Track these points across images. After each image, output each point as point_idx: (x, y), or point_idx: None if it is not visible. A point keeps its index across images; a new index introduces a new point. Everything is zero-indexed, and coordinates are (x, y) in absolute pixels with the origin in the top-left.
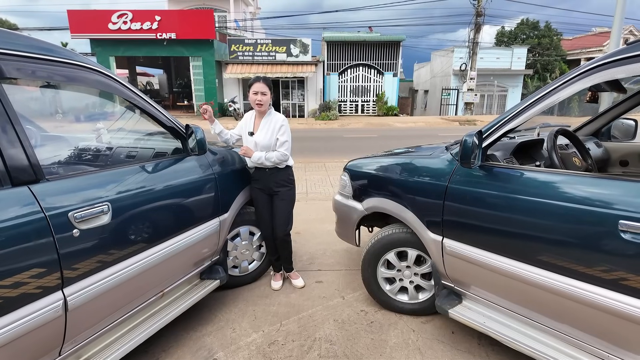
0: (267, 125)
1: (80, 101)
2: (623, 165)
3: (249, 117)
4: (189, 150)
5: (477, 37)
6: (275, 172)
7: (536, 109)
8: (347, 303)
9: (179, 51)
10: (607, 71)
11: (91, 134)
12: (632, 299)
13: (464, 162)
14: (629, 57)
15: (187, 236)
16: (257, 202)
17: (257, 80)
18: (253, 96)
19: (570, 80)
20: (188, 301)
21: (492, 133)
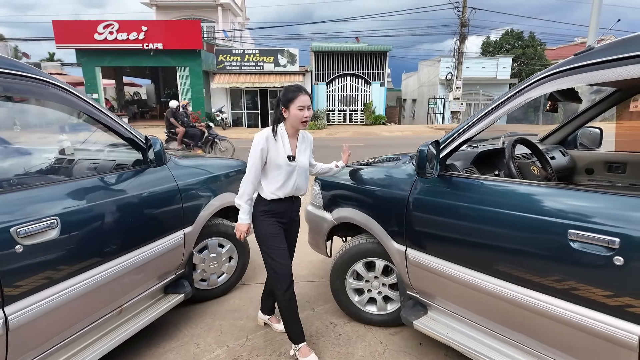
0: (303, 143)
1: (43, 113)
2: (589, 173)
3: (280, 139)
4: (149, 162)
5: (462, 47)
6: (299, 199)
7: (491, 119)
8: (316, 315)
9: (165, 61)
10: (555, 81)
11: (54, 146)
12: (583, 309)
13: (420, 172)
14: (576, 67)
15: (147, 250)
16: (275, 237)
17: (300, 91)
18: (298, 112)
19: (522, 90)
20: (148, 317)
21: (450, 143)
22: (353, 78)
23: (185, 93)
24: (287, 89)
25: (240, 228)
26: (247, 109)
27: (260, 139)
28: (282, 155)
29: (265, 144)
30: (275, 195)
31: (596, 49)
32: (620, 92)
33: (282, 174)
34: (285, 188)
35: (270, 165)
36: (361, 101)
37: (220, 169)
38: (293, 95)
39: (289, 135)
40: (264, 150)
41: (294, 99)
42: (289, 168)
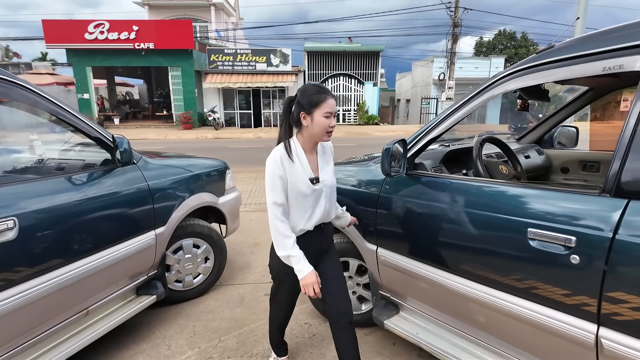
0: (324, 155)
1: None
2: (564, 172)
3: (296, 158)
4: (117, 162)
5: (455, 47)
6: (330, 224)
7: (456, 117)
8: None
9: (157, 61)
10: (518, 79)
11: (24, 145)
12: (543, 308)
13: (385, 171)
14: (537, 65)
15: (114, 251)
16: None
17: (326, 93)
18: (324, 121)
19: (486, 88)
20: (117, 319)
21: (417, 142)
22: (346, 78)
23: (177, 93)
24: (308, 89)
25: (307, 282)
26: (239, 109)
27: (274, 165)
28: (302, 179)
29: (282, 169)
30: (302, 230)
31: (556, 47)
32: (592, 90)
33: (307, 203)
34: (313, 218)
35: (290, 194)
36: (354, 101)
37: (197, 169)
38: (318, 98)
39: (305, 151)
40: (284, 178)
41: (319, 102)
42: (314, 194)
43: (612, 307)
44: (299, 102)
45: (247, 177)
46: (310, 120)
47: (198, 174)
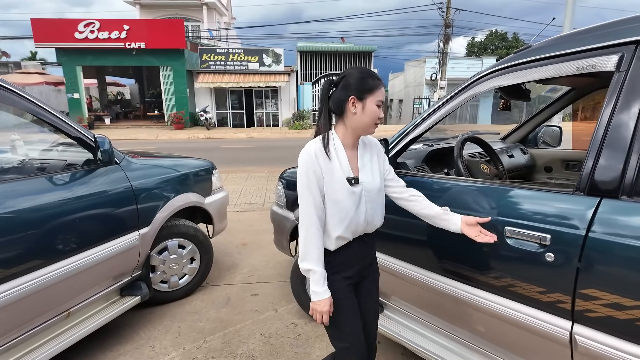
0: (367, 153)
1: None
2: (547, 171)
3: (334, 154)
4: (99, 162)
5: (447, 48)
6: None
7: (437, 116)
8: (278, 316)
9: (148, 61)
10: (496, 78)
11: (5, 146)
12: (519, 305)
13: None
14: (514, 64)
15: (96, 252)
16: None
17: (379, 79)
18: (376, 110)
19: (466, 88)
20: (100, 320)
21: (399, 141)
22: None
23: (169, 93)
24: (360, 71)
25: (318, 308)
26: (232, 108)
27: (308, 160)
28: (338, 179)
29: (318, 166)
30: (341, 240)
31: (533, 47)
32: (574, 90)
33: (346, 207)
34: (353, 225)
35: (327, 197)
36: None
37: (182, 168)
38: (373, 83)
39: (344, 147)
40: (318, 174)
41: (374, 88)
42: (352, 197)
43: (586, 304)
44: (348, 85)
45: (238, 177)
46: (361, 107)
47: (183, 173)
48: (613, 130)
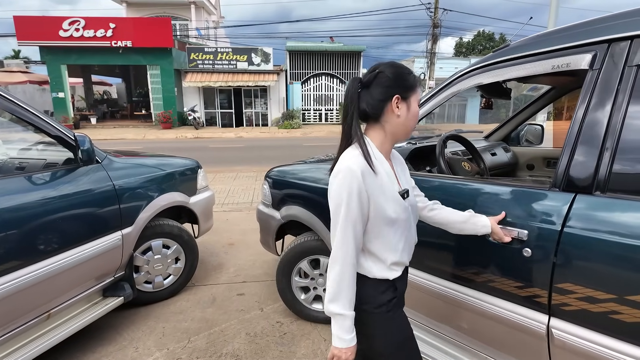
0: (397, 162)
1: None
2: (530, 169)
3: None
4: (79, 161)
5: (435, 48)
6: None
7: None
8: (264, 315)
9: (135, 59)
10: (476, 77)
11: None
12: (499, 300)
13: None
14: (494, 63)
15: (78, 252)
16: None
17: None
18: (418, 110)
19: (446, 86)
20: (81, 322)
21: None
22: (328, 77)
23: (156, 92)
24: (398, 68)
25: (344, 357)
26: (221, 108)
27: (354, 182)
28: (391, 195)
29: (364, 186)
30: (397, 267)
31: (512, 46)
32: (554, 89)
33: (402, 227)
34: (408, 246)
35: (376, 219)
36: (336, 100)
37: (166, 168)
38: (414, 80)
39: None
40: (365, 197)
41: (415, 86)
42: (406, 213)
43: (561, 298)
44: (386, 82)
45: (226, 176)
46: (406, 108)
47: (168, 173)
48: (586, 127)
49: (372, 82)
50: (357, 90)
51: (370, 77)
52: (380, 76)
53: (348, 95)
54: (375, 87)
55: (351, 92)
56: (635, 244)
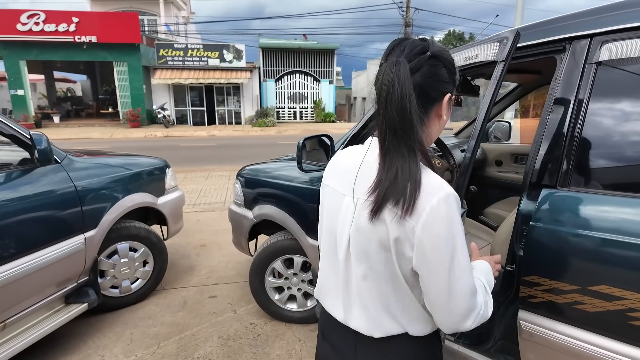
0: None
1: None
2: (498, 164)
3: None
4: (36, 161)
5: None
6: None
7: None
8: (237, 317)
9: (101, 55)
10: None
11: None
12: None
13: (299, 165)
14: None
15: (36, 258)
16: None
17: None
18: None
19: None
20: (40, 331)
21: (351, 139)
22: (302, 75)
23: (124, 89)
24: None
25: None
26: (192, 105)
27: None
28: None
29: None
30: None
31: None
32: (520, 87)
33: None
34: None
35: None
36: (311, 99)
37: (132, 167)
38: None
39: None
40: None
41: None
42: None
43: (528, 290)
44: (441, 71)
45: (198, 176)
46: (448, 108)
47: (134, 173)
48: (550, 124)
49: (420, 68)
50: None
51: (419, 61)
52: (431, 61)
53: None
54: (424, 77)
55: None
56: (596, 236)
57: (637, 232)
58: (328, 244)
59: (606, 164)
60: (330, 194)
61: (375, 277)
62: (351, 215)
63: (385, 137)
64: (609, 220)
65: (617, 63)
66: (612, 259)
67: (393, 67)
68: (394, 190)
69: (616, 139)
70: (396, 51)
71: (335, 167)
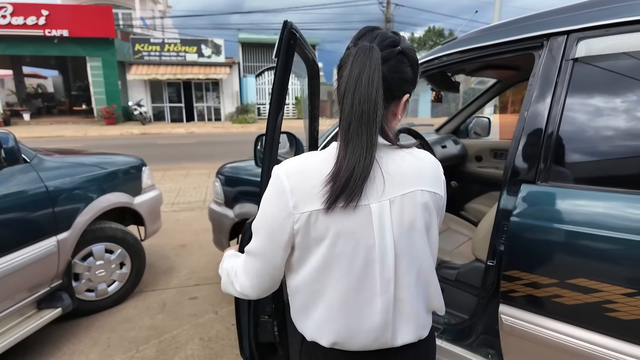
0: None
1: None
2: (478, 160)
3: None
4: (3, 161)
5: None
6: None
7: None
8: (218, 318)
9: (73, 50)
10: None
11: None
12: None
13: (256, 162)
14: (442, 56)
15: (4, 262)
16: None
17: None
18: None
19: None
20: (10, 339)
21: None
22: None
23: (98, 85)
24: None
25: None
26: (169, 102)
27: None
28: None
29: None
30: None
31: (459, 39)
32: (500, 83)
33: None
34: None
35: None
36: (292, 94)
37: (107, 166)
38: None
39: None
40: None
41: None
42: None
43: (509, 285)
44: (410, 73)
45: (177, 174)
46: (403, 109)
47: (108, 172)
48: (529, 120)
49: (389, 61)
50: (380, 67)
51: (389, 54)
52: (400, 58)
53: (367, 69)
54: (390, 72)
55: (373, 66)
56: (574, 230)
57: (613, 225)
58: (350, 275)
59: (584, 159)
60: (338, 215)
61: (423, 269)
62: (389, 219)
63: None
64: (586, 214)
65: (592, 60)
66: (589, 252)
67: (366, 51)
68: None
69: (593, 135)
70: (367, 37)
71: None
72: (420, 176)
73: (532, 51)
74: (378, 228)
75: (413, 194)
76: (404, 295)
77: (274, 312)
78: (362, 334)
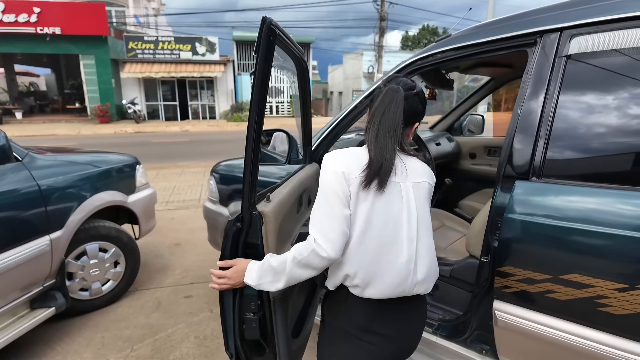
0: None
1: None
2: (472, 157)
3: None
4: None
5: (382, 41)
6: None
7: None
8: (214, 317)
9: (66, 48)
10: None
11: None
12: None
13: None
14: (436, 53)
15: None
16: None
17: None
18: None
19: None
20: (2, 339)
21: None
22: (278, 69)
23: (91, 84)
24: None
25: None
26: (164, 100)
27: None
28: None
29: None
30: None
31: (453, 36)
32: (493, 80)
33: None
34: None
35: None
36: (287, 93)
37: (100, 165)
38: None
39: None
40: None
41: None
42: None
43: (503, 281)
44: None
45: (171, 173)
46: (413, 133)
47: (102, 170)
48: (523, 117)
49: (407, 99)
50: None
51: (409, 95)
52: (416, 98)
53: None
54: (409, 107)
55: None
56: (567, 226)
57: (605, 221)
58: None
59: (577, 156)
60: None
61: (431, 236)
62: (413, 194)
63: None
64: (579, 210)
65: (585, 57)
66: (582, 247)
67: (395, 91)
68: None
69: (586, 131)
70: (394, 82)
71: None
72: (424, 173)
73: (525, 48)
74: (405, 198)
75: (422, 183)
76: (422, 250)
77: (258, 309)
78: (390, 279)
